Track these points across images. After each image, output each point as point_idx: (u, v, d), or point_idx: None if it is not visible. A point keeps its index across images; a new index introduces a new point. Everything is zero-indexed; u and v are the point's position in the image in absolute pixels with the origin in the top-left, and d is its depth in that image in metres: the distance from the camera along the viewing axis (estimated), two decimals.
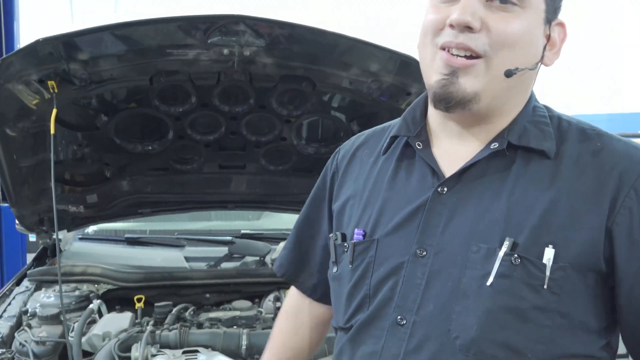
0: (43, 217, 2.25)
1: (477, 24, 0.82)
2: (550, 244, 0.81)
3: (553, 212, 0.83)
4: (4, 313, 1.92)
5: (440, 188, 0.90)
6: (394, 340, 0.88)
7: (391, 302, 0.89)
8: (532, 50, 0.86)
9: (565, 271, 0.81)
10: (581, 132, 0.89)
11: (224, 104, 2.03)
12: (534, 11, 0.84)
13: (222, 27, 1.68)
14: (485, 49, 0.83)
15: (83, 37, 1.65)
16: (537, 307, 0.81)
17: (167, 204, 2.42)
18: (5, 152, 1.91)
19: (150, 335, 1.77)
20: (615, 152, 0.86)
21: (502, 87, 0.86)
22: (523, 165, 0.87)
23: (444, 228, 0.88)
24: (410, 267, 0.89)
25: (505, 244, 0.82)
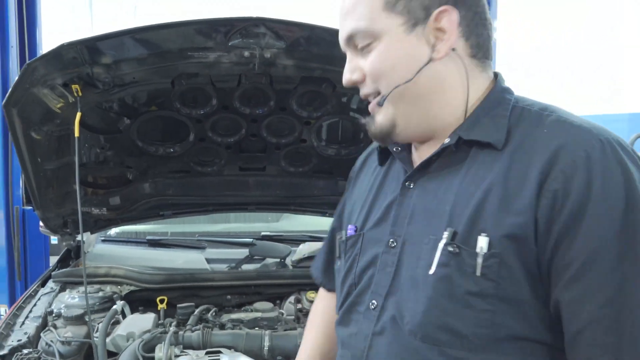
0: (67, 220, 2.28)
1: (357, 76, 0.95)
2: (484, 232, 0.84)
3: (487, 200, 0.85)
4: (30, 313, 1.95)
5: (407, 182, 0.98)
6: (366, 323, 0.97)
7: (369, 289, 0.98)
8: (403, 65, 0.91)
9: (498, 257, 0.83)
10: (537, 119, 0.89)
11: (245, 106, 2.04)
12: (387, 34, 0.91)
13: (243, 29, 1.69)
14: (374, 87, 0.94)
15: (106, 41, 1.66)
16: (474, 293, 0.84)
17: (187, 206, 2.44)
18: (31, 155, 1.94)
19: (174, 335, 1.78)
20: (557, 133, 0.85)
21: (407, 105, 0.93)
22: (474, 158, 0.90)
23: (410, 220, 0.95)
24: (384, 256, 0.97)
25: (444, 235, 0.87)
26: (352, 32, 0.93)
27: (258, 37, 1.70)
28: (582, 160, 0.81)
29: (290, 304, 2.17)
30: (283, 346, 1.80)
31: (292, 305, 2.16)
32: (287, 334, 1.86)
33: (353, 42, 0.94)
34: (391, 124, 0.94)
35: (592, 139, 0.83)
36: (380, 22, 0.91)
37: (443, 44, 0.91)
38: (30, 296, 2.11)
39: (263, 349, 1.79)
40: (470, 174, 0.90)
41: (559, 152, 0.82)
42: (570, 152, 0.82)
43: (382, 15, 0.91)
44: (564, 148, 0.82)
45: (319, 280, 1.30)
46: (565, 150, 0.82)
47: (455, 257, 0.86)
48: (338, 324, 1.07)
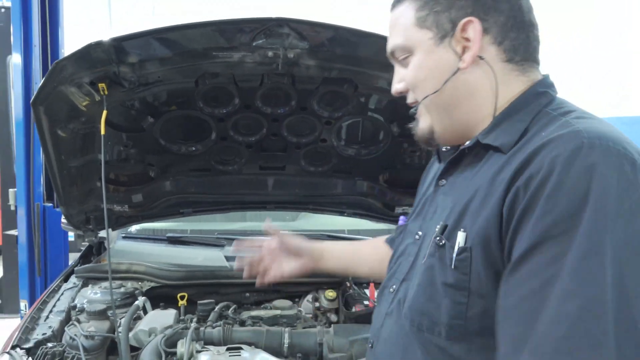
0: (89, 216, 2.31)
1: (402, 86, 1.04)
2: (463, 228, 0.90)
3: (473, 198, 0.91)
4: (53, 308, 1.98)
5: (440, 181, 1.07)
6: (385, 303, 1.09)
7: (395, 275, 1.10)
8: (434, 76, 0.98)
9: (469, 252, 0.88)
10: (549, 120, 0.89)
11: (267, 105, 2.06)
12: (419, 47, 0.99)
13: (267, 30, 1.70)
14: (413, 97, 1.03)
15: (133, 40, 1.69)
16: (449, 284, 0.90)
17: (208, 204, 2.46)
18: (56, 152, 1.97)
19: (195, 331, 1.80)
20: (549, 134, 0.83)
21: (441, 113, 1.00)
22: (487, 160, 0.95)
23: (432, 215, 1.04)
24: (410, 247, 1.08)
25: (436, 228, 0.96)
26: (392, 48, 1.04)
27: (282, 38, 1.72)
28: (551, 159, 0.79)
29: (308, 302, 2.19)
30: (302, 343, 1.82)
31: (310, 303, 2.18)
32: (306, 331, 1.88)
33: (395, 57, 1.05)
34: (429, 130, 1.03)
35: (576, 139, 0.79)
36: (413, 37, 0.99)
37: (468, 54, 0.96)
38: (54, 291, 2.14)
39: (283, 346, 1.81)
40: (477, 176, 0.95)
41: (536, 151, 0.82)
42: (545, 152, 0.80)
43: (414, 30, 0.99)
44: (542, 147, 0.81)
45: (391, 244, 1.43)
46: (542, 149, 0.81)
47: (440, 249, 0.94)
48: (376, 300, 1.20)
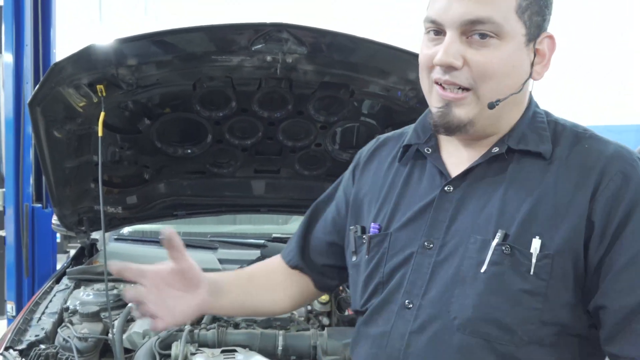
0: (82, 217, 2.30)
1: (458, 62, 0.91)
2: (537, 235, 0.90)
3: (540, 206, 0.92)
4: (46, 309, 1.97)
5: (447, 187, 1.01)
6: (402, 322, 0.99)
7: (401, 288, 1.01)
8: (515, 75, 0.94)
9: (550, 259, 0.90)
10: (574, 135, 0.98)
11: (263, 109, 2.07)
12: (512, 39, 0.91)
13: (266, 34, 1.72)
14: (471, 83, 0.92)
15: (133, 43, 1.70)
16: (526, 291, 0.90)
17: (202, 206, 2.47)
18: (52, 153, 1.96)
19: (189, 334, 1.81)
20: (600, 151, 0.94)
21: (494, 111, 0.95)
22: (519, 166, 0.96)
23: (449, 223, 0.98)
24: (419, 257, 1.00)
25: (497, 236, 0.92)
26: (483, 19, 0.89)
27: (281, 43, 1.74)
28: (630, 172, 0.91)
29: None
30: (297, 346, 1.83)
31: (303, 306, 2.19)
32: (300, 334, 1.89)
33: (470, 28, 0.90)
34: (470, 122, 0.95)
35: (630, 155, 0.94)
36: (512, 23, 0.91)
37: (542, 67, 0.97)
38: (46, 292, 2.13)
39: (277, 349, 1.82)
40: (518, 181, 0.95)
41: (608, 164, 0.92)
42: (617, 165, 0.91)
43: (514, 17, 0.91)
44: (612, 161, 0.92)
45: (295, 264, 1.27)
46: (613, 162, 0.92)
47: (509, 257, 0.91)
48: (364, 323, 1.07)
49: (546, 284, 0.90)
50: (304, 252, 1.28)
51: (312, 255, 1.27)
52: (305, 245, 1.28)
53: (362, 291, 1.09)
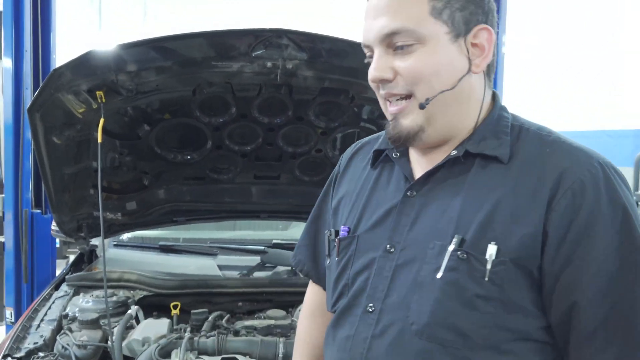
0: (81, 224, 2.30)
1: (388, 74, 0.95)
2: (493, 241, 0.90)
3: (497, 211, 0.92)
4: (45, 316, 1.96)
5: (410, 192, 1.01)
6: (364, 326, 1.00)
7: (364, 292, 1.01)
8: (445, 72, 0.94)
9: (505, 265, 0.90)
10: (537, 139, 0.97)
11: (263, 115, 2.07)
12: (433, 40, 0.93)
13: (266, 40, 1.72)
14: (408, 89, 0.95)
15: (132, 49, 1.69)
16: (481, 296, 0.91)
17: (201, 212, 2.46)
18: (51, 159, 1.96)
19: (189, 341, 1.79)
20: (561, 154, 0.93)
21: (440, 111, 0.96)
22: (479, 170, 0.96)
23: (411, 227, 0.99)
24: (381, 261, 1.01)
25: (453, 241, 0.92)
26: (396, 30, 0.93)
27: (281, 49, 1.73)
28: (588, 180, 0.89)
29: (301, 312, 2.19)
30: None
31: None
32: None
33: (391, 40, 0.94)
34: (420, 128, 0.96)
35: (592, 161, 0.92)
36: (428, 26, 0.93)
37: (482, 60, 0.97)
38: (45, 299, 2.12)
39: (278, 356, 1.81)
40: (477, 186, 0.95)
41: (565, 171, 0.90)
42: (576, 172, 0.90)
43: (430, 20, 0.93)
44: (570, 168, 0.91)
45: (307, 272, 1.28)
46: (571, 170, 0.90)
47: (464, 263, 0.91)
48: (332, 325, 1.09)
49: (501, 289, 0.90)
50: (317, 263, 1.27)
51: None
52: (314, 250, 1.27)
53: (332, 292, 1.10)
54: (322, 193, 1.27)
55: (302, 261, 1.29)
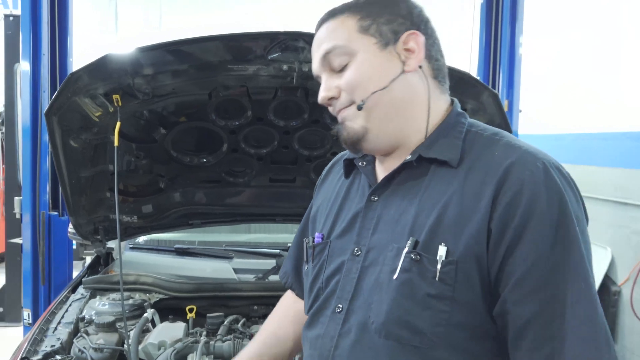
0: (98, 227, 2.30)
1: (334, 92, 1.05)
2: (443, 242, 0.95)
3: (446, 213, 0.97)
4: (61, 319, 1.96)
5: (372, 196, 1.08)
6: (333, 325, 1.06)
7: (334, 294, 1.08)
8: (377, 76, 1.03)
9: (455, 264, 0.94)
10: (488, 141, 1.02)
11: (279, 118, 2.06)
12: (364, 52, 1.03)
13: (282, 43, 1.71)
14: (349, 100, 1.04)
15: (149, 53, 1.69)
16: (433, 295, 0.95)
17: (217, 215, 2.46)
18: (68, 162, 1.96)
19: (205, 345, 1.79)
20: (507, 156, 0.97)
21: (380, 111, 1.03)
22: (433, 174, 1.02)
23: (374, 230, 1.05)
24: (349, 263, 1.07)
25: (407, 243, 0.98)
26: (329, 49, 1.04)
27: (297, 51, 1.72)
28: (528, 179, 0.93)
29: None
30: None
31: None
32: None
33: (328, 62, 1.05)
34: (363, 131, 1.03)
35: (536, 161, 0.95)
36: (356, 42, 1.03)
37: (413, 60, 1.04)
38: (62, 302, 2.12)
39: None
40: (430, 189, 1.01)
41: (508, 170, 0.95)
42: (518, 171, 0.94)
43: (358, 36, 1.04)
44: (512, 167, 0.95)
45: (290, 284, 1.38)
46: (513, 169, 0.95)
47: (417, 264, 0.97)
48: (306, 326, 1.15)
49: (452, 288, 0.95)
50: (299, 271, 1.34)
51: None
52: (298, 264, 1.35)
53: (308, 297, 1.17)
54: (308, 209, 1.35)
55: (287, 273, 1.39)
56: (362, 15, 1.05)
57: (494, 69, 3.61)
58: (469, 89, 1.87)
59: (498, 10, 3.54)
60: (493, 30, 3.56)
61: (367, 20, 1.04)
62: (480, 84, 1.89)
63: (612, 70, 4.20)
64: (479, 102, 1.92)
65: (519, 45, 3.49)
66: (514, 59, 3.53)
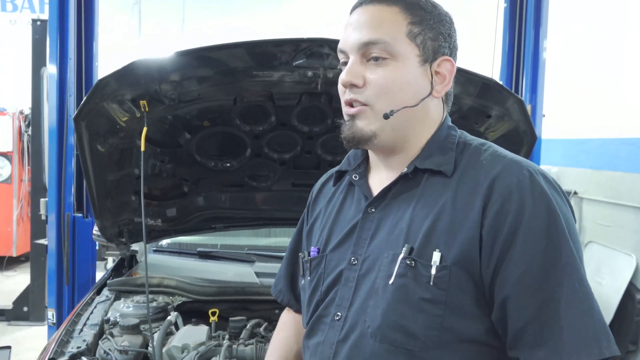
0: (123, 229, 2.33)
1: (359, 81, 1.04)
2: (437, 248, 0.99)
3: (440, 221, 1.00)
4: (87, 321, 1.99)
5: (369, 208, 1.11)
6: (332, 332, 1.09)
7: (333, 303, 1.11)
8: (409, 90, 1.04)
9: (448, 270, 0.97)
10: (476, 151, 1.06)
11: (302, 123, 2.07)
12: (405, 58, 1.03)
13: (307, 49, 1.72)
14: (368, 99, 1.04)
15: (175, 59, 1.71)
16: (427, 300, 0.98)
17: (239, 219, 2.47)
18: (95, 166, 1.99)
19: (228, 349, 1.80)
20: (494, 165, 1.02)
21: (396, 123, 1.04)
22: (427, 184, 1.05)
23: (370, 240, 1.08)
24: (346, 272, 1.10)
25: (403, 250, 1.01)
26: (374, 40, 1.02)
27: (322, 58, 1.73)
28: (515, 186, 0.97)
29: None
30: None
31: None
32: None
33: (367, 50, 1.04)
34: (372, 134, 1.05)
35: (522, 169, 1.00)
36: (403, 45, 1.03)
37: (442, 87, 1.08)
38: (87, 303, 2.16)
39: None
40: (424, 198, 1.04)
41: (496, 179, 0.99)
42: (505, 179, 0.98)
43: (405, 40, 1.04)
44: (500, 175, 0.99)
45: (287, 301, 1.38)
46: (501, 177, 0.99)
47: (412, 269, 1.00)
48: (306, 335, 1.17)
49: (446, 293, 0.98)
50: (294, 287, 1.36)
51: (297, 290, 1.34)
52: (292, 280, 1.37)
53: (307, 309, 1.19)
54: (298, 225, 1.37)
55: (282, 291, 1.39)
56: (414, 19, 1.05)
57: (517, 73, 3.56)
58: (494, 95, 1.86)
59: (522, 13, 3.50)
60: (517, 33, 3.53)
61: (417, 27, 1.04)
62: (505, 90, 1.88)
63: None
64: (504, 108, 1.90)
65: (543, 49, 3.45)
66: (538, 63, 3.48)
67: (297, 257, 1.31)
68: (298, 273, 1.30)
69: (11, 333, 4.68)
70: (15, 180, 6.41)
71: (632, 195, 3.98)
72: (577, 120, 4.72)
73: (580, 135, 4.70)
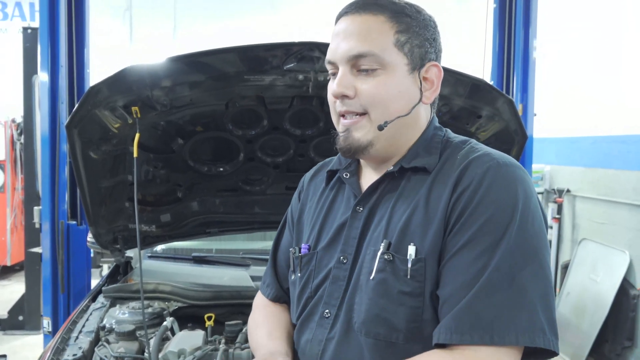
0: (117, 236, 2.33)
1: (350, 92, 1.05)
2: (412, 242, 1.02)
3: (414, 216, 1.03)
4: (83, 328, 1.99)
5: (357, 207, 1.13)
6: (321, 330, 1.11)
7: (321, 300, 1.13)
8: (401, 99, 1.06)
9: (423, 262, 1.00)
10: (456, 148, 1.09)
11: (295, 127, 2.08)
12: (395, 68, 1.05)
13: (298, 53, 1.73)
14: (365, 108, 1.06)
15: (167, 65, 1.72)
16: (406, 293, 1.01)
17: (234, 224, 2.48)
18: (88, 174, 1.99)
19: (224, 353, 1.80)
20: (466, 158, 1.04)
21: (390, 132, 1.07)
22: (408, 182, 1.08)
23: (359, 238, 1.11)
24: (335, 271, 1.12)
25: (381, 245, 1.04)
26: (364, 53, 1.03)
27: (312, 61, 1.74)
28: (481, 173, 1.00)
29: None
30: None
31: None
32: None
33: (356, 62, 1.04)
34: (369, 143, 1.07)
35: (492, 160, 1.02)
36: (392, 55, 1.05)
37: (431, 93, 1.10)
38: (82, 311, 2.15)
39: None
40: (403, 195, 1.08)
41: (465, 169, 1.02)
42: (474, 169, 1.01)
43: (393, 50, 1.05)
44: (469, 166, 1.02)
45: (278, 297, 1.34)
46: (470, 168, 1.02)
47: (390, 264, 1.03)
48: (296, 332, 1.20)
49: (422, 285, 1.00)
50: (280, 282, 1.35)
51: (283, 283, 1.34)
52: (278, 274, 1.36)
53: (297, 305, 1.20)
54: (283, 219, 1.38)
55: (270, 285, 1.38)
56: (400, 28, 1.06)
57: (507, 72, 3.59)
58: (484, 95, 1.87)
59: (511, 13, 3.53)
60: (506, 33, 3.55)
61: (404, 36, 1.06)
62: (495, 90, 1.90)
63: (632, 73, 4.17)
64: (495, 108, 1.92)
65: (533, 48, 3.47)
66: (528, 62, 3.51)
67: (282, 251, 1.34)
68: (284, 266, 1.32)
69: (7, 342, 4.66)
70: (9, 189, 6.39)
71: (625, 193, 4.00)
72: (569, 119, 4.75)
73: (573, 134, 4.73)
